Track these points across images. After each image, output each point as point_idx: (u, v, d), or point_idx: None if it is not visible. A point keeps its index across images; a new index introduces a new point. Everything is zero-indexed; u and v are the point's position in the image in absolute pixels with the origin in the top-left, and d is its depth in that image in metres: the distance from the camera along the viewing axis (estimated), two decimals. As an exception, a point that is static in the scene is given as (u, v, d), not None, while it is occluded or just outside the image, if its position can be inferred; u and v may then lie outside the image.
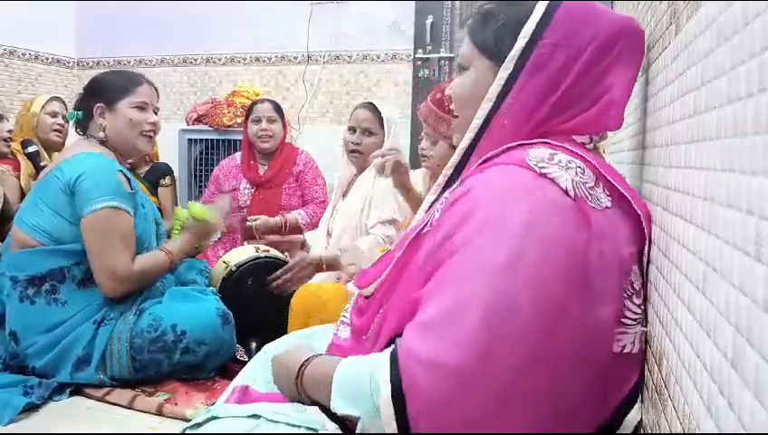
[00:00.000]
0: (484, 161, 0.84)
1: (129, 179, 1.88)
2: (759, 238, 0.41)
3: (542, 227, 0.70)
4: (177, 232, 2.11)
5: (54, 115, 2.98)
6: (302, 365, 0.88)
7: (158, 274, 1.94)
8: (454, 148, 0.94)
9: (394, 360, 0.70)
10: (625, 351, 0.75)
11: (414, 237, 0.88)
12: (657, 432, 0.68)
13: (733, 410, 0.43)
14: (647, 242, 0.78)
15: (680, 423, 0.58)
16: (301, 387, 0.87)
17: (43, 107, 2.96)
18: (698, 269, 0.56)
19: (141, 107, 1.95)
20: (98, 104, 1.93)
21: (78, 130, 2.01)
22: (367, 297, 0.97)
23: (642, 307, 0.77)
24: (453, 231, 0.74)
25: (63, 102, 3.10)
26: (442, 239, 0.76)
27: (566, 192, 0.73)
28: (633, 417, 0.77)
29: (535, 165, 0.75)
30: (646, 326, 0.78)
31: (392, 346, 0.74)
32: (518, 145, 0.82)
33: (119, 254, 1.79)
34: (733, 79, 0.49)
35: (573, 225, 0.72)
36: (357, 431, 0.76)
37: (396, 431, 0.69)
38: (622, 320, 0.75)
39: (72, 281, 1.81)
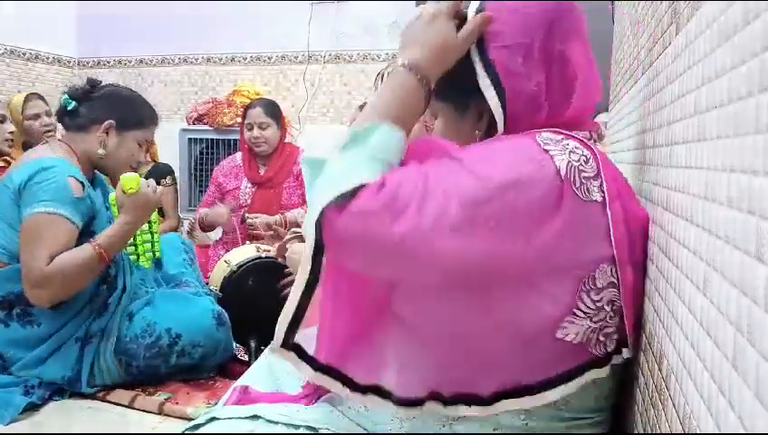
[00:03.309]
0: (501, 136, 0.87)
1: (83, 184, 1.74)
2: (760, 238, 0.41)
3: (519, 192, 0.73)
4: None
5: (37, 117, 2.91)
6: None
7: (86, 270, 1.70)
8: None
9: (354, 192, 0.72)
10: (566, 339, 0.76)
11: None
12: (658, 432, 0.68)
13: (733, 410, 0.43)
14: (624, 244, 0.79)
15: (680, 423, 0.58)
16: None
17: (23, 112, 2.89)
18: (699, 269, 0.56)
19: (141, 144, 1.92)
20: (109, 120, 1.83)
21: (59, 117, 1.89)
22: None
23: (599, 304, 0.77)
24: (462, 149, 0.80)
25: (40, 97, 3.01)
26: (453, 150, 0.80)
27: (558, 171, 0.75)
28: (553, 397, 0.78)
29: (542, 141, 0.78)
30: (597, 323, 0.78)
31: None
32: (534, 132, 0.84)
33: (35, 256, 1.64)
34: (733, 79, 0.49)
35: (548, 205, 0.74)
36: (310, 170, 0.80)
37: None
38: (574, 311, 0.76)
39: None
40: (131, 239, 1.90)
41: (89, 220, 1.76)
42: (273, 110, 2.81)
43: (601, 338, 0.78)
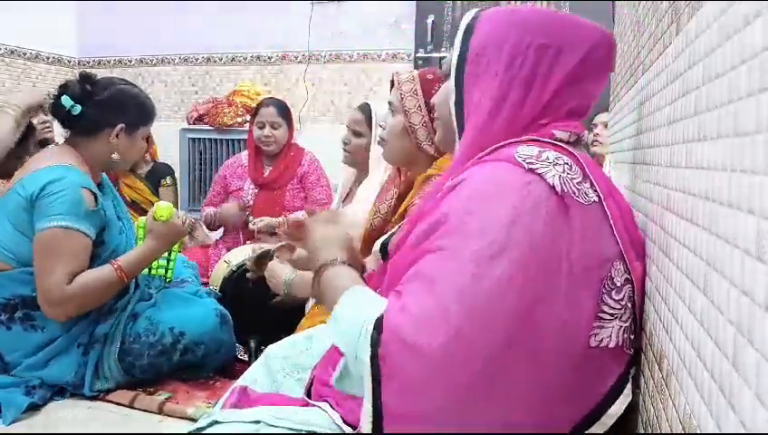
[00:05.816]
0: (476, 161, 0.85)
1: (95, 195, 1.73)
2: (760, 238, 0.41)
3: (527, 222, 0.73)
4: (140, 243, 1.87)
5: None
6: (324, 266, 0.93)
7: (105, 291, 1.72)
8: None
9: (379, 326, 0.73)
10: (602, 345, 0.76)
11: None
12: (658, 432, 0.68)
13: (733, 409, 0.43)
14: (627, 243, 0.79)
15: (681, 423, 0.58)
16: (316, 285, 0.93)
17: None
18: (699, 269, 0.56)
19: (144, 138, 1.95)
20: (120, 124, 1.80)
21: (61, 120, 1.81)
22: None
23: (622, 302, 0.78)
24: (444, 218, 0.78)
25: None
26: (435, 223, 0.79)
27: (553, 187, 0.75)
28: (615, 411, 0.78)
29: (523, 161, 0.78)
30: (626, 322, 0.78)
31: (384, 306, 0.76)
32: (508, 144, 0.83)
33: (54, 274, 1.63)
34: (733, 78, 0.49)
35: (557, 221, 0.74)
36: (337, 370, 0.84)
37: (370, 385, 0.73)
38: (599, 314, 0.76)
39: None
40: None
41: (100, 230, 1.75)
42: (285, 111, 2.84)
43: (632, 336, 0.79)
